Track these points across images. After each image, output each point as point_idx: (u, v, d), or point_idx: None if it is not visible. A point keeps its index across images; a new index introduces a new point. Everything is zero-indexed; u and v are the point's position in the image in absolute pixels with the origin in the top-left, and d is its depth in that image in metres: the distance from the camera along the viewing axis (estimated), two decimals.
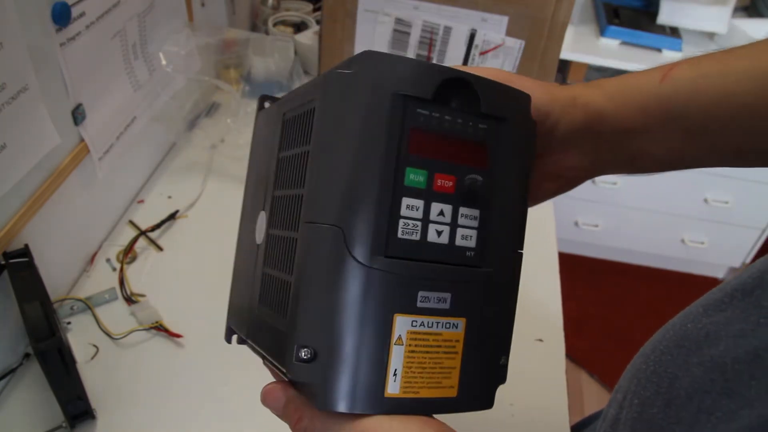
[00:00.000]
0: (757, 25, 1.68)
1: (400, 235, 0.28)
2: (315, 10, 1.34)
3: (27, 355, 0.63)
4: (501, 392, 0.34)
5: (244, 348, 0.38)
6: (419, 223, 0.28)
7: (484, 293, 0.30)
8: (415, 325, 0.28)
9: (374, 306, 0.27)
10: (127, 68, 0.78)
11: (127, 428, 0.60)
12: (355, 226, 0.27)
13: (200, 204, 0.88)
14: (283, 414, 0.31)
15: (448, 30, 0.91)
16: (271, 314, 0.31)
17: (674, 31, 1.70)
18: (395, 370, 0.28)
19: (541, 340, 0.73)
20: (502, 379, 0.32)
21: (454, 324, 0.29)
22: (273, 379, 0.33)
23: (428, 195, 0.29)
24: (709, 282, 2.10)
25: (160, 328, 0.68)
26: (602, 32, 1.69)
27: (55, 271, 0.67)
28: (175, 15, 0.90)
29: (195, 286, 0.75)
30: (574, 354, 1.81)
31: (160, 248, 0.80)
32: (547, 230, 0.90)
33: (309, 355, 0.27)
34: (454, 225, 0.29)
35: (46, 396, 0.56)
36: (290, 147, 0.33)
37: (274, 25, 1.26)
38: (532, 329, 0.74)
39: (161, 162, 0.95)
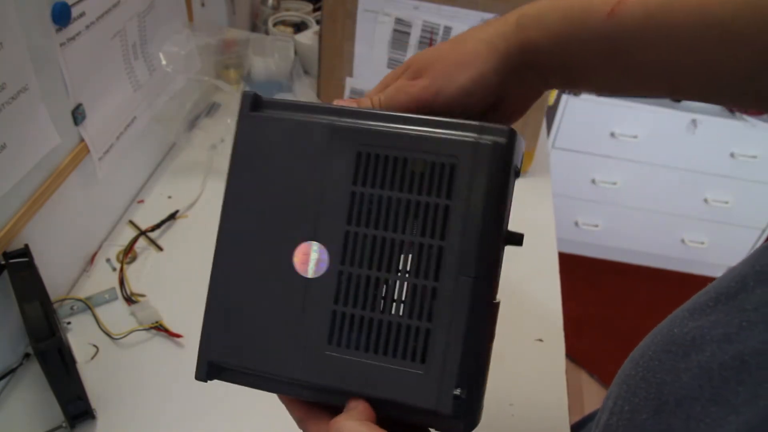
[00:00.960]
0: None
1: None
2: (315, 10, 1.34)
3: (27, 355, 0.63)
4: (501, 392, 0.34)
5: None
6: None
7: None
8: None
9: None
10: (127, 68, 0.78)
11: (127, 428, 0.60)
12: (486, 276, 0.32)
13: (200, 204, 0.88)
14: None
15: (448, 30, 0.91)
16: (370, 356, 0.32)
17: None
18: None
19: (541, 340, 0.73)
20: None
21: None
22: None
23: None
24: (709, 282, 2.10)
25: (160, 328, 0.68)
26: None
27: (55, 271, 0.67)
28: (175, 15, 0.90)
29: (195, 286, 0.75)
30: (574, 354, 1.81)
31: (160, 248, 0.80)
32: (547, 230, 0.90)
33: (463, 395, 0.31)
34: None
35: (46, 396, 0.56)
36: (388, 188, 0.33)
37: (274, 25, 1.26)
38: (532, 329, 0.74)
39: (161, 162, 0.95)
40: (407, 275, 0.32)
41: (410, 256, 0.32)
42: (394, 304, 0.32)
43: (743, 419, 0.25)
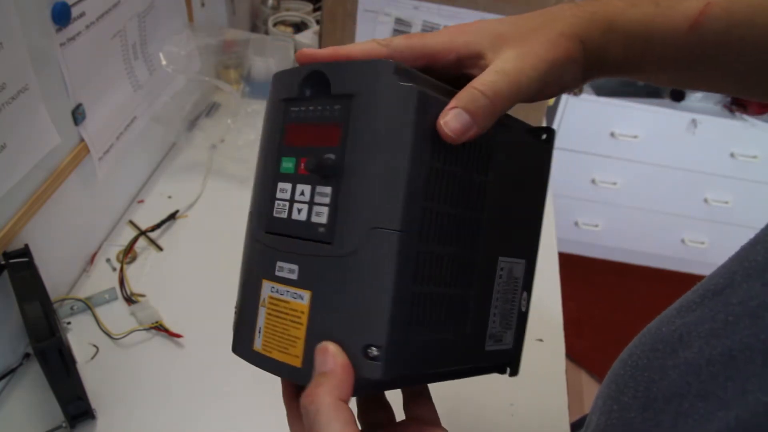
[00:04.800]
0: None
1: (275, 214, 0.33)
2: (315, 10, 1.34)
3: (27, 355, 0.63)
4: (501, 392, 0.34)
5: None
6: (287, 203, 0.32)
7: (330, 269, 0.30)
8: (274, 291, 0.32)
9: (254, 272, 0.34)
10: (127, 68, 0.78)
11: (127, 428, 0.60)
12: (254, 211, 0.35)
13: (200, 204, 0.88)
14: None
15: None
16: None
17: None
18: (260, 328, 0.33)
19: (541, 340, 0.73)
20: (375, 372, 0.28)
21: (299, 295, 0.31)
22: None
23: (295, 178, 0.32)
24: None
25: (160, 328, 0.68)
26: None
27: (55, 271, 0.67)
28: (175, 15, 0.90)
29: (195, 286, 0.75)
30: (574, 354, 1.81)
31: (160, 248, 0.80)
32: (547, 230, 0.90)
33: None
34: (311, 203, 0.31)
35: (46, 396, 0.56)
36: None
37: (274, 25, 1.26)
38: (532, 329, 0.74)
39: (161, 162, 0.95)
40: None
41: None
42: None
43: (732, 414, 0.25)
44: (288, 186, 0.32)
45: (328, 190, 0.30)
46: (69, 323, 0.68)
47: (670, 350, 0.32)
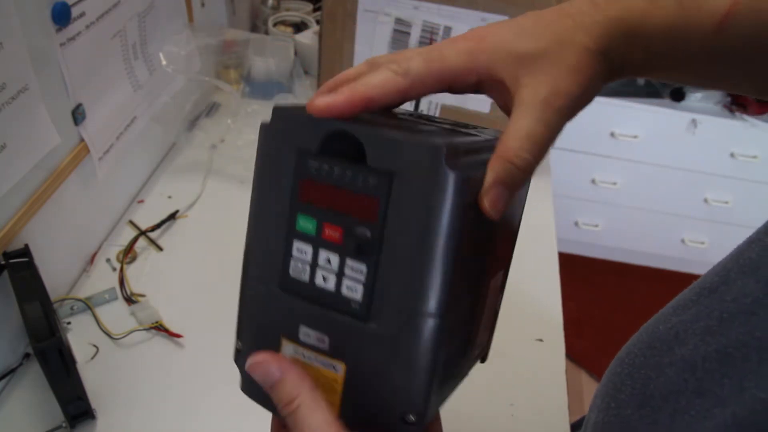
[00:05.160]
0: None
1: (291, 273, 0.31)
2: (315, 10, 1.34)
3: (27, 355, 0.63)
4: (501, 392, 0.34)
5: None
6: (308, 267, 0.31)
7: (367, 345, 0.30)
8: (300, 355, 0.31)
9: (269, 326, 0.32)
10: (127, 68, 0.78)
11: (127, 428, 0.60)
12: (257, 259, 0.33)
13: (200, 204, 0.88)
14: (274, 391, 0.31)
15: (448, 30, 0.91)
16: None
17: None
18: None
19: (541, 340, 0.73)
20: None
21: (333, 366, 0.31)
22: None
23: (317, 242, 0.30)
24: None
25: (160, 328, 0.68)
26: None
27: (55, 271, 0.67)
28: (175, 15, 0.90)
29: (195, 286, 0.75)
30: (574, 354, 1.81)
31: (160, 248, 0.80)
32: (547, 230, 0.90)
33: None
34: (340, 274, 0.30)
35: (46, 396, 0.56)
36: None
37: (274, 25, 1.26)
38: (532, 329, 0.74)
39: (161, 162, 0.95)
40: None
41: None
42: None
43: (729, 411, 0.25)
44: (307, 248, 0.30)
45: (363, 267, 0.29)
46: (69, 323, 0.68)
47: (666, 348, 0.32)
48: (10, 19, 0.52)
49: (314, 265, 0.30)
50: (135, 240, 0.79)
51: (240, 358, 0.34)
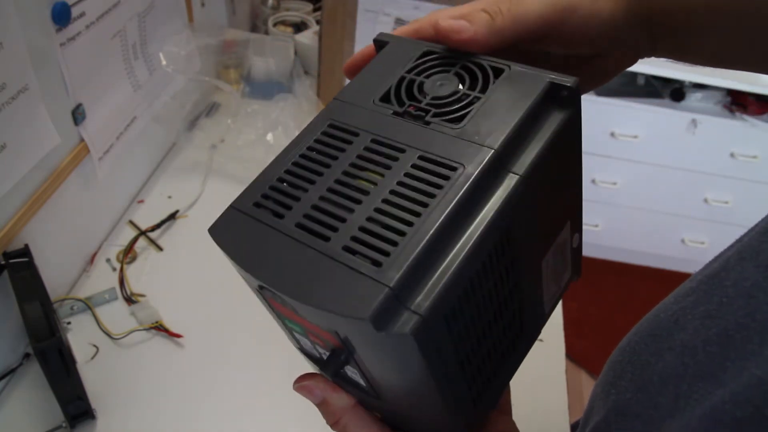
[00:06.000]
0: None
1: (302, 346, 0.32)
2: (315, 10, 1.34)
3: (27, 355, 0.63)
4: None
5: (244, 348, 0.38)
6: (313, 349, 0.31)
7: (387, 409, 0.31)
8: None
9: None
10: (127, 68, 0.78)
11: (127, 428, 0.60)
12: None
13: (200, 204, 0.88)
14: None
15: None
16: None
17: None
18: None
19: (541, 340, 0.73)
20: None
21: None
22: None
23: (309, 338, 0.30)
24: None
25: (160, 328, 0.68)
26: None
27: (55, 271, 0.67)
28: (175, 15, 0.90)
29: (195, 286, 0.75)
30: (574, 354, 1.81)
31: (160, 248, 0.80)
32: None
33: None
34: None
35: (46, 396, 0.56)
36: None
37: (274, 25, 1.26)
38: None
39: (161, 162, 0.95)
40: None
41: None
42: None
43: (728, 389, 0.25)
44: (305, 341, 0.30)
45: (355, 368, 0.28)
46: (69, 323, 0.68)
47: (666, 334, 0.32)
48: (10, 19, 0.52)
49: (317, 355, 0.31)
50: (135, 240, 0.79)
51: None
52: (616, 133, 1.84)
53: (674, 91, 1.79)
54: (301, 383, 0.31)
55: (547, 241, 0.32)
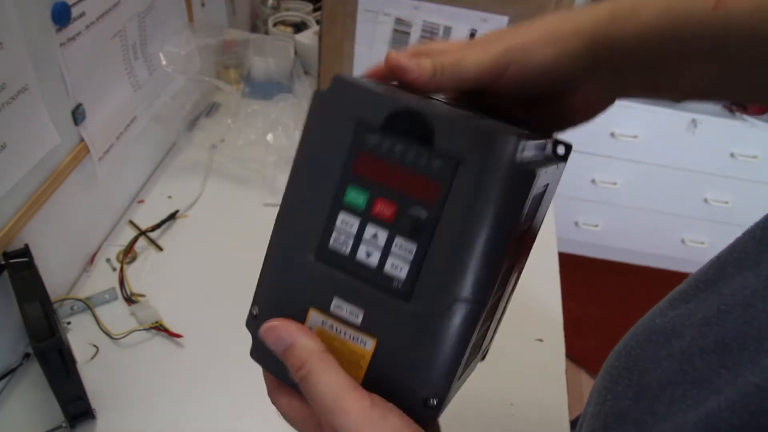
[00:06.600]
0: None
1: (331, 245, 0.30)
2: (315, 10, 1.34)
3: (27, 355, 0.63)
4: (501, 392, 0.34)
5: (244, 348, 0.38)
6: (351, 240, 0.30)
7: (403, 324, 0.29)
8: (327, 326, 0.30)
9: (295, 296, 0.31)
10: (127, 68, 0.78)
11: (127, 428, 0.60)
12: (292, 226, 0.32)
13: (200, 204, 0.88)
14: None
15: (448, 30, 0.91)
16: None
17: None
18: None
19: (541, 340, 0.73)
20: (429, 418, 0.29)
21: (362, 340, 0.30)
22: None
23: (366, 216, 0.30)
24: None
25: (160, 328, 0.68)
26: None
27: (55, 271, 0.67)
28: (175, 15, 0.90)
29: (195, 286, 0.75)
30: (574, 354, 1.82)
31: (160, 248, 0.80)
32: (547, 230, 0.90)
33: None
34: (386, 252, 0.29)
35: (46, 396, 0.56)
36: None
37: (274, 25, 1.26)
38: (532, 329, 0.74)
39: (161, 162, 0.95)
40: None
41: None
42: None
43: (723, 397, 0.26)
44: (353, 221, 0.30)
45: (413, 247, 0.29)
46: (69, 323, 0.68)
47: (663, 340, 0.32)
48: (10, 19, 0.52)
49: (359, 239, 0.30)
50: (135, 240, 0.79)
51: (253, 323, 0.33)
52: (616, 133, 1.84)
53: None
54: (270, 324, 0.30)
55: (517, 261, 0.34)
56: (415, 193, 0.28)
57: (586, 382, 1.78)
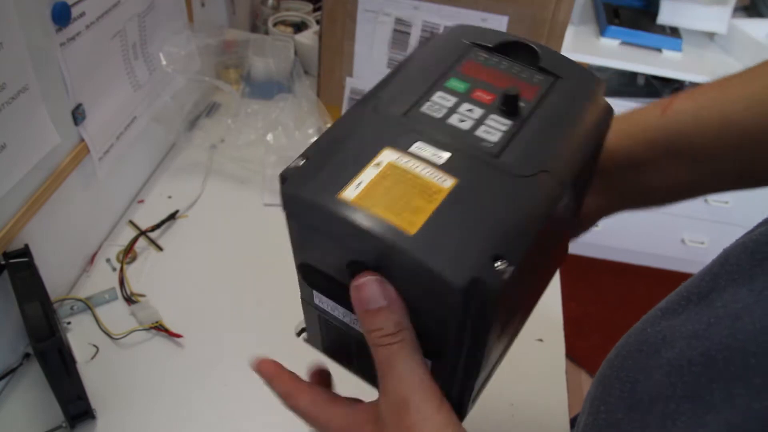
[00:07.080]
0: (757, 25, 1.68)
1: (422, 109, 0.32)
2: (315, 10, 1.34)
3: (27, 355, 0.63)
4: (501, 392, 0.34)
5: (244, 348, 0.38)
6: (445, 109, 0.32)
7: (488, 174, 0.30)
8: (401, 161, 0.30)
9: (368, 139, 0.31)
10: (127, 68, 0.78)
11: (127, 428, 0.60)
12: (380, 93, 0.34)
13: (200, 204, 0.88)
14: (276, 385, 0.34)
15: None
16: None
17: (674, 31, 1.70)
18: (360, 182, 0.29)
19: (541, 340, 0.73)
20: (487, 277, 0.26)
21: (441, 177, 0.29)
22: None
23: (463, 98, 0.33)
24: None
25: (160, 328, 0.68)
26: (602, 32, 1.69)
27: (55, 271, 0.67)
28: (175, 15, 0.90)
29: (195, 286, 0.75)
30: (574, 354, 1.82)
31: (160, 248, 0.80)
32: None
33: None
34: (479, 121, 0.32)
35: (46, 396, 0.56)
36: None
37: (274, 25, 1.26)
38: (532, 329, 0.74)
39: (161, 162, 0.95)
40: None
41: None
42: None
43: (723, 418, 0.25)
44: (451, 98, 0.33)
45: (507, 122, 0.32)
46: (69, 323, 0.68)
47: (653, 351, 0.32)
48: (10, 19, 0.52)
49: (453, 110, 0.32)
50: (135, 240, 0.79)
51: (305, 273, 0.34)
52: None
53: (674, 91, 1.79)
54: (364, 279, 0.28)
55: (540, 285, 0.39)
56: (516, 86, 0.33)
57: (586, 382, 1.78)
